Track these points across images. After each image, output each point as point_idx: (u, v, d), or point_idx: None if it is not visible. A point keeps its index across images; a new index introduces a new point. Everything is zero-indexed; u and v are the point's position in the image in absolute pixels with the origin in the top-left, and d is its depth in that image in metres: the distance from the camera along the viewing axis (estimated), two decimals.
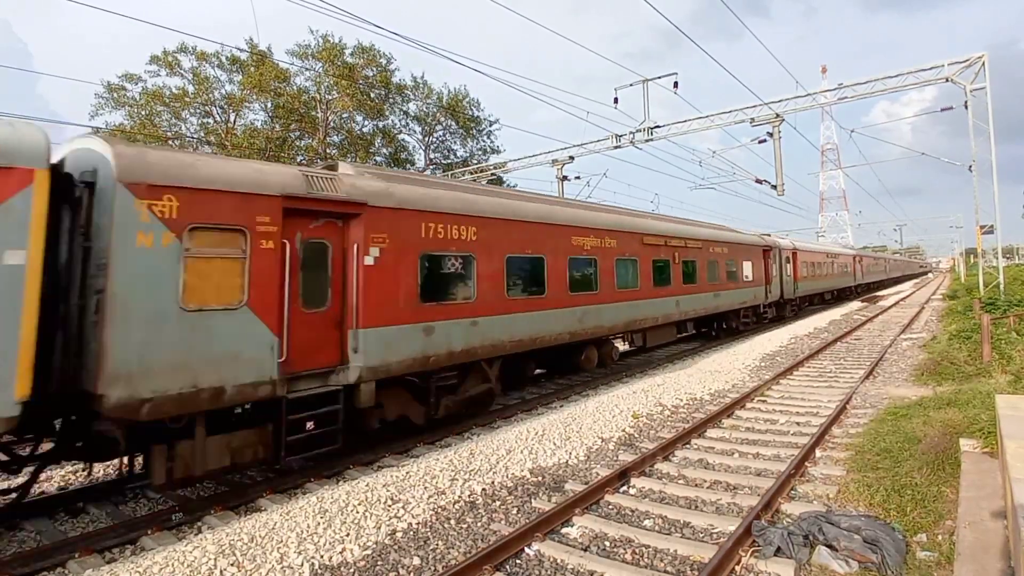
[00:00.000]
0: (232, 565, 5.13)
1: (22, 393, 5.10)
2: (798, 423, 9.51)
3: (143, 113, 32.67)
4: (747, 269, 21.92)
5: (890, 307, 34.01)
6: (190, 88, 33.90)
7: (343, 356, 7.73)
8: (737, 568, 4.93)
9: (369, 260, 7.96)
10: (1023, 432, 5.64)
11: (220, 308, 6.40)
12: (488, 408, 10.98)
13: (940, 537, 5.15)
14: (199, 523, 6.63)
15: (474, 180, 32.88)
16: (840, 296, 41.19)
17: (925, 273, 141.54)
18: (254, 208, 6.72)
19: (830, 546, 4.98)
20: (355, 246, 7.91)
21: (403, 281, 8.44)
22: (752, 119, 21.21)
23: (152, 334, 5.83)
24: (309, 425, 7.23)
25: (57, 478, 8.19)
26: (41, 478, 8.07)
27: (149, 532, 6.32)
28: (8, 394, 5.03)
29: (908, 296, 45.87)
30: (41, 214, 5.31)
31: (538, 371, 14.09)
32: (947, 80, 18.79)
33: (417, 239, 8.73)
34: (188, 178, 6.25)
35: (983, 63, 18.37)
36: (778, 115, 20.62)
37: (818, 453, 7.85)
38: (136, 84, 32.94)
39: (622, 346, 17.62)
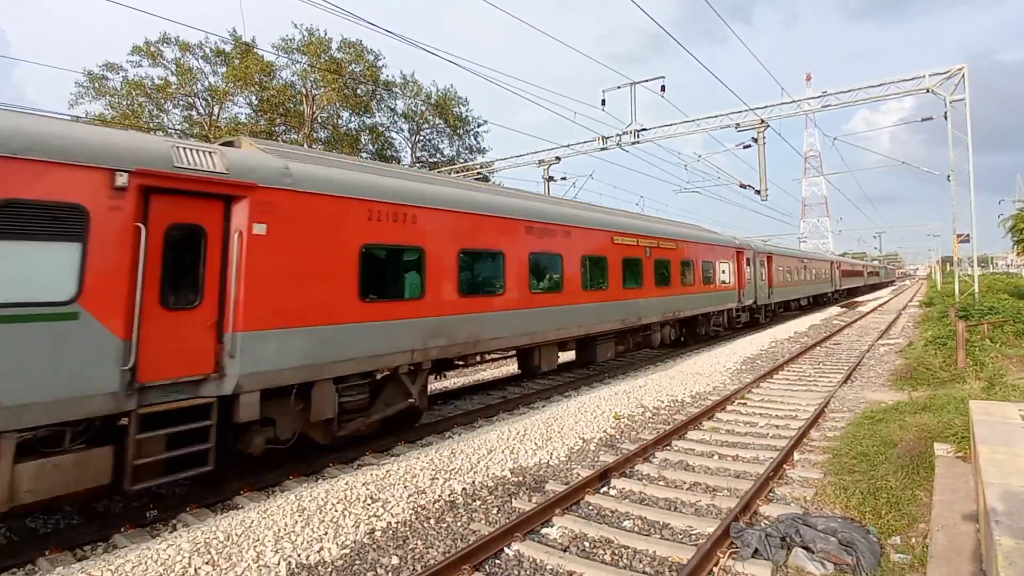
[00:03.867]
0: (207, 564, 5.05)
1: None
2: (777, 426, 9.61)
3: (124, 104, 32.15)
4: None
5: (868, 313, 34.55)
6: (173, 79, 33.44)
7: None
8: (715, 569, 4.96)
9: None
10: (995, 437, 5.75)
11: None
12: None
13: (914, 540, 5.23)
14: (174, 521, 6.54)
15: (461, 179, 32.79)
16: (696, 332, 20.53)
17: (891, 283, 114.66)
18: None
19: (807, 548, 5.03)
20: None
21: None
22: (737, 124, 21.42)
23: None
24: None
25: None
26: None
27: (122, 530, 6.22)
28: None
29: (885, 303, 46.61)
30: None
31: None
32: (928, 91, 19.14)
33: None
34: None
35: (963, 75, 18.72)
36: (763, 121, 20.83)
37: (796, 456, 7.93)
38: (117, 74, 32.42)
39: None
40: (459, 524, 6.07)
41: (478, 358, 12.78)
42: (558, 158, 27.46)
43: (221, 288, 6.70)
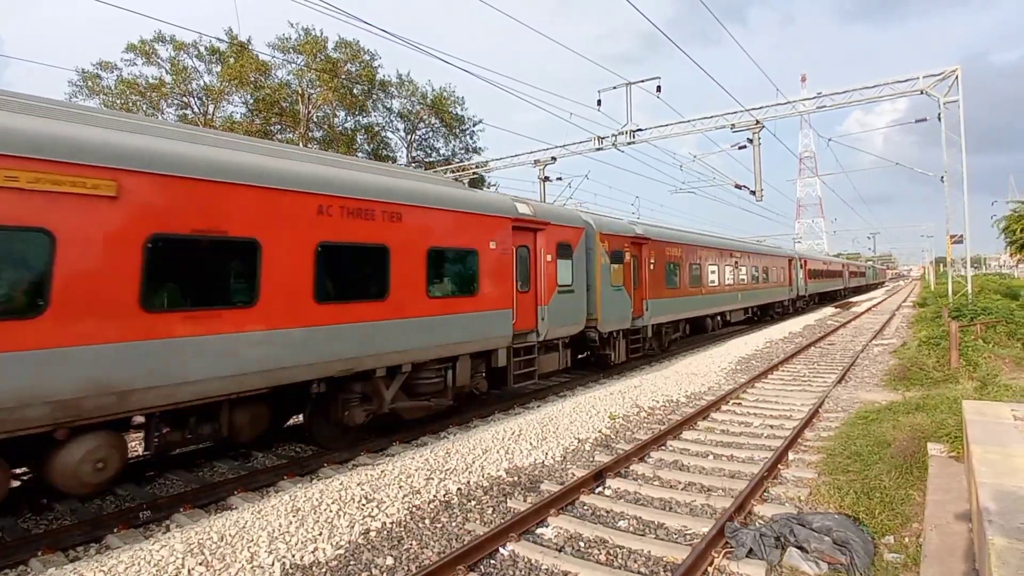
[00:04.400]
0: (201, 564, 5.03)
1: None
2: (771, 426, 9.63)
3: (118, 102, 32.00)
4: None
5: (863, 313, 34.72)
6: (167, 78, 33.31)
7: None
8: (710, 569, 4.97)
9: None
10: (988, 437, 5.77)
11: None
12: None
13: (907, 539, 5.25)
14: (167, 521, 6.51)
15: (456, 179, 32.81)
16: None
17: (880, 284, 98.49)
18: None
19: (801, 547, 5.04)
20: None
21: None
22: (733, 125, 21.45)
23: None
24: None
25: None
26: None
27: (115, 530, 6.18)
28: None
29: (879, 303, 46.83)
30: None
31: None
32: (922, 92, 19.21)
33: None
34: None
35: (956, 76, 18.81)
36: (758, 122, 20.88)
37: (791, 456, 7.95)
38: (111, 72, 32.27)
39: None
40: (454, 524, 6.06)
41: None
42: (554, 158, 27.42)
43: None
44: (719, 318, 23.22)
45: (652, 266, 16.94)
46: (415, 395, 9.55)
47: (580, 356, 15.35)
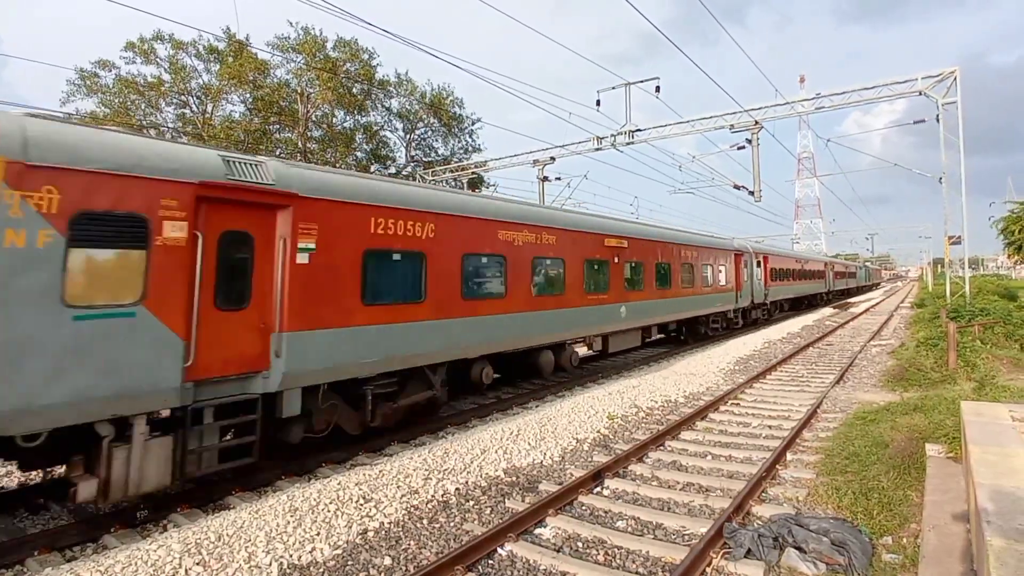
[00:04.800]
0: (198, 564, 5.01)
1: None
2: (770, 426, 9.64)
3: (116, 101, 31.94)
4: None
5: (861, 314, 34.78)
6: (166, 77, 33.25)
7: None
8: (708, 569, 4.97)
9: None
10: (986, 438, 5.77)
11: None
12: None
13: (905, 540, 5.26)
14: (165, 521, 6.50)
15: (455, 179, 32.78)
16: None
17: (874, 286, 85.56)
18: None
19: (799, 548, 5.04)
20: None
21: None
22: (732, 125, 21.47)
23: None
24: None
25: (18, 473, 7.94)
26: (0, 472, 7.85)
27: (112, 530, 6.18)
28: None
29: (878, 304, 46.91)
30: None
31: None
32: (920, 93, 19.23)
33: None
34: None
35: (955, 78, 18.83)
36: (757, 122, 20.90)
37: (789, 456, 7.96)
38: (109, 71, 32.21)
39: None
40: (452, 524, 6.05)
41: None
42: (553, 158, 27.43)
43: None
44: (572, 347, 13.85)
45: (310, 256, 7.82)
46: None
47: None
